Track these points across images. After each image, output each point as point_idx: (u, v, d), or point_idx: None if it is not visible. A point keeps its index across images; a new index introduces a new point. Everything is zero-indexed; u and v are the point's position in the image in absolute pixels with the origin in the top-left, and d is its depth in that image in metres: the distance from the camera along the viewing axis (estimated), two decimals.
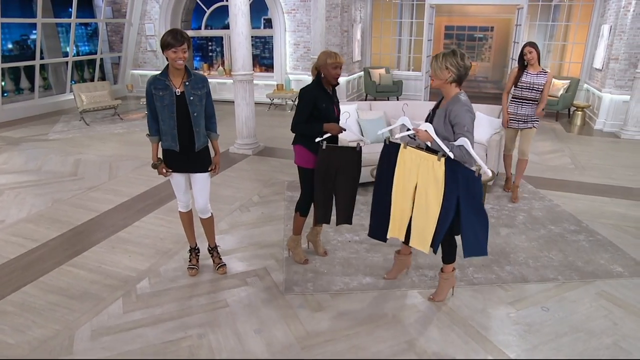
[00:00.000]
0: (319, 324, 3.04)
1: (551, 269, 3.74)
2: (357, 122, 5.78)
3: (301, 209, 3.66)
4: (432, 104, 3.17)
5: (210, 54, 13.26)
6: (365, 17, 11.83)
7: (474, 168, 2.85)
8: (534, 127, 5.07)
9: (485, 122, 5.49)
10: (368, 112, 6.07)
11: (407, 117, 3.01)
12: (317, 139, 3.31)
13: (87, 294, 3.37)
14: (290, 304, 3.26)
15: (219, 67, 12.09)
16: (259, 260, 3.86)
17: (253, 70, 6.79)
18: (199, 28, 11.94)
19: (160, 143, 3.32)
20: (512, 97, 5.05)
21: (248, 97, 6.68)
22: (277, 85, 10.50)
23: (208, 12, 11.45)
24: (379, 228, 3.24)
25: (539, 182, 5.79)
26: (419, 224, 3.00)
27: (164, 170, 3.31)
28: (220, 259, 3.73)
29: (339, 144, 3.53)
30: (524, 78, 4.90)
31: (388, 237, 3.20)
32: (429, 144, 2.86)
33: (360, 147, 3.42)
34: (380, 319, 3.11)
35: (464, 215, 2.87)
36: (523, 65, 4.92)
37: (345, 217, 3.60)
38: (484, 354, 2.77)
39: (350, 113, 3.57)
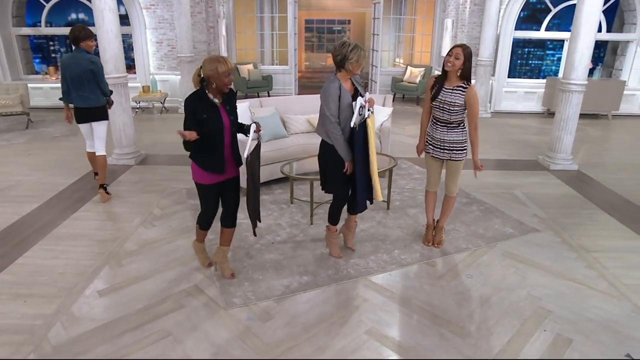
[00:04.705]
0: (274, 334, 2.93)
1: (461, 240, 4.17)
2: (251, 120, 5.65)
3: (200, 222, 3.53)
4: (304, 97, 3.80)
5: (54, 55, 11.56)
6: (228, 12, 11.53)
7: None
8: (455, 159, 3.74)
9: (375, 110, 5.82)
10: (260, 109, 5.97)
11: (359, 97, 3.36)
12: (245, 154, 3.10)
13: None
14: (237, 318, 3.08)
15: None
16: (185, 278, 3.56)
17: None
18: (35, 25, 10.36)
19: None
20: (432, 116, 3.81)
21: (124, 102, 6.05)
22: (142, 87, 9.68)
23: (48, 6, 9.96)
24: (362, 200, 3.57)
25: (421, 163, 6.35)
26: (376, 178, 3.47)
27: None
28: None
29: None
30: (435, 93, 3.63)
31: (379, 200, 3.64)
32: (372, 108, 3.38)
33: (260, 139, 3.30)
34: (332, 315, 3.12)
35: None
36: (444, 75, 3.62)
37: (258, 215, 3.49)
38: (438, 328, 2.98)
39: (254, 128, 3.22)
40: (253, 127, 3.16)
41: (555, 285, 3.50)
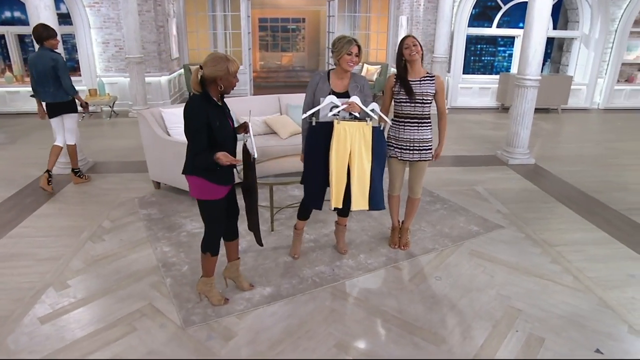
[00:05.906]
0: (238, 353, 2.72)
1: (428, 240, 4.09)
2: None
3: (211, 249, 3.03)
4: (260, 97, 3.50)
5: None
6: (179, 10, 11.09)
7: (376, 125, 3.37)
8: (424, 159, 3.62)
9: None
10: None
11: (332, 95, 3.22)
12: (255, 154, 2.84)
13: None
14: (196, 338, 2.84)
15: (4, 72, 9.91)
16: (138, 296, 3.27)
17: None
18: None
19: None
20: (393, 117, 3.63)
21: None
22: (89, 90, 9.12)
23: None
24: (314, 199, 3.47)
25: None
26: (359, 188, 3.35)
27: None
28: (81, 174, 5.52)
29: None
30: (401, 88, 3.47)
31: (332, 208, 3.44)
32: (356, 114, 3.22)
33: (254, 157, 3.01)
34: (298, 329, 2.94)
35: (375, 171, 3.36)
36: (404, 68, 3.46)
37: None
38: (411, 336, 2.86)
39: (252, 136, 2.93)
40: (250, 125, 2.93)
41: (522, 282, 3.48)
